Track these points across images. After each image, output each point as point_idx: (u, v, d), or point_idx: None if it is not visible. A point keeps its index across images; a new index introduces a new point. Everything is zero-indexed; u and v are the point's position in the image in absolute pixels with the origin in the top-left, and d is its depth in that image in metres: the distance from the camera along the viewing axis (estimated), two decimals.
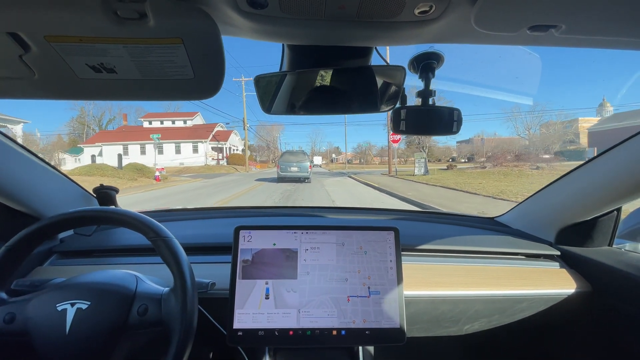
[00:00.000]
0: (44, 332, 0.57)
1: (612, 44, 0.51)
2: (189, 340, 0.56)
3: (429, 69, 0.68)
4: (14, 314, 0.58)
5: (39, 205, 0.88)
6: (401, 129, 0.72)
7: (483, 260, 0.98)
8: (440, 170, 20.32)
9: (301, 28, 0.50)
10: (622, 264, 0.84)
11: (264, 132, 53.02)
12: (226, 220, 1.18)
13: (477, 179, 13.02)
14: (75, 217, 0.63)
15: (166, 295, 0.60)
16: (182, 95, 0.58)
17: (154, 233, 0.61)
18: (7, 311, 0.59)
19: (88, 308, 0.57)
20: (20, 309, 0.59)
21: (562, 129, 35.77)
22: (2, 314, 0.58)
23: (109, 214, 0.63)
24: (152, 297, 0.60)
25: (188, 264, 0.60)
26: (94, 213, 0.64)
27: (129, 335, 0.58)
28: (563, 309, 0.90)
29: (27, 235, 0.61)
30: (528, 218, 1.13)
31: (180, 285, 0.58)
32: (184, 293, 0.57)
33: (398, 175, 16.57)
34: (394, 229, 0.80)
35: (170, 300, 0.59)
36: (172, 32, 0.43)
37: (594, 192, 0.86)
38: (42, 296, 0.60)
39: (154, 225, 0.62)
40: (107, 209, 0.65)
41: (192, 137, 32.96)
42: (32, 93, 0.56)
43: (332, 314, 0.74)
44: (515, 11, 0.43)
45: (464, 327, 0.92)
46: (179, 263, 0.59)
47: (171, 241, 0.61)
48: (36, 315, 0.58)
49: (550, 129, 35.27)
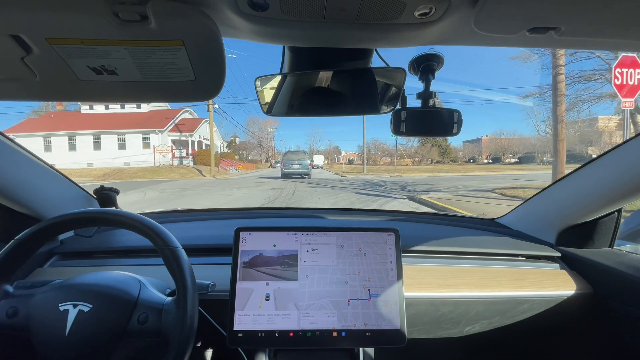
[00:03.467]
0: (44, 330, 0.57)
1: (610, 46, 0.52)
2: (186, 352, 0.56)
3: (429, 70, 0.68)
4: (17, 309, 0.59)
5: (39, 206, 0.89)
6: (401, 131, 0.72)
7: (484, 261, 0.98)
8: None
9: (302, 30, 0.50)
10: (622, 265, 0.84)
11: (255, 127, 48.15)
12: (226, 222, 1.18)
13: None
14: (91, 217, 0.63)
15: (168, 305, 0.60)
16: (183, 96, 0.58)
17: (163, 242, 0.61)
18: (10, 305, 0.59)
19: (89, 311, 0.57)
20: (24, 304, 0.59)
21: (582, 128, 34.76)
22: (6, 307, 0.59)
23: (124, 219, 0.63)
24: (153, 306, 0.60)
25: (192, 275, 0.61)
26: (109, 216, 0.64)
27: (126, 341, 0.58)
28: (564, 311, 0.90)
29: (39, 230, 0.61)
30: (528, 219, 1.13)
31: (182, 297, 0.58)
32: (185, 305, 0.58)
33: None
34: (394, 230, 0.80)
35: (171, 312, 0.59)
36: (173, 34, 0.43)
37: (595, 194, 0.86)
38: (46, 294, 0.60)
39: (164, 235, 0.62)
40: (128, 214, 0.64)
41: (143, 126, 24.31)
42: (34, 95, 0.56)
43: (333, 315, 0.73)
44: (515, 14, 0.43)
45: (465, 328, 0.92)
46: (183, 274, 0.59)
47: (178, 252, 0.61)
48: (38, 313, 0.58)
49: (570, 129, 34.41)
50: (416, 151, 46.02)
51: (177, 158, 25.29)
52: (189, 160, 25.66)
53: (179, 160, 25.23)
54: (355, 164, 49.86)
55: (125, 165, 22.73)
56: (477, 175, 19.50)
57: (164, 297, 0.62)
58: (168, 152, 24.05)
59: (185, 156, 25.92)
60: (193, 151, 26.51)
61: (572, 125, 34.56)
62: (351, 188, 11.10)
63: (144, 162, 22.68)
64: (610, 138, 28.27)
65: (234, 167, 26.83)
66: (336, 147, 67.94)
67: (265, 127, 50.50)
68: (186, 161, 25.53)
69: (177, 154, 25.34)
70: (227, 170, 24.61)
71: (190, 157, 25.92)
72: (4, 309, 0.59)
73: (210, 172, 19.45)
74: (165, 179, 16.79)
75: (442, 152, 46.76)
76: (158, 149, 23.54)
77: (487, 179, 15.32)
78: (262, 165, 43.30)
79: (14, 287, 0.66)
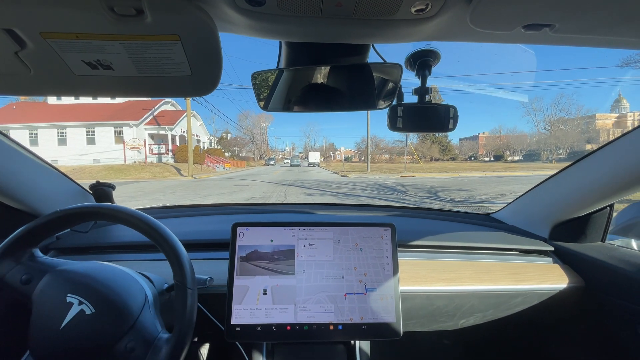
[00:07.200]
0: (45, 312, 0.56)
1: (604, 43, 0.52)
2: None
3: (425, 66, 0.68)
4: (31, 278, 0.59)
5: (35, 202, 0.88)
6: (398, 126, 0.72)
7: (478, 256, 0.99)
8: None
9: (298, 25, 0.50)
10: (614, 259, 0.86)
11: (248, 123, 45.99)
12: (224, 217, 1.19)
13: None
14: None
15: (159, 342, 0.58)
16: (179, 92, 0.58)
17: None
18: (26, 271, 0.60)
19: (89, 315, 0.56)
20: (39, 276, 0.60)
21: (581, 125, 34.27)
22: (22, 273, 0.59)
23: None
24: (146, 337, 0.58)
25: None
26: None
27: (108, 358, 0.56)
28: (556, 304, 0.92)
29: (82, 209, 0.62)
30: (523, 214, 1.15)
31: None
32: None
33: None
34: (390, 225, 0.81)
35: (160, 349, 0.57)
36: (169, 29, 0.43)
37: (587, 189, 0.88)
38: (61, 274, 0.60)
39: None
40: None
41: (116, 118, 21.09)
42: (28, 89, 0.55)
43: (329, 309, 0.74)
44: (510, 10, 0.43)
45: (460, 321, 0.94)
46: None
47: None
48: (47, 291, 0.58)
49: (568, 126, 34.19)
50: (416, 148, 45.04)
51: (156, 154, 22.25)
52: (169, 157, 22.73)
53: (158, 157, 22.21)
54: (353, 162, 48.57)
55: (95, 162, 19.93)
56: (513, 177, 15.67)
57: (158, 330, 0.60)
58: (141, 147, 20.63)
59: (165, 152, 22.77)
60: (174, 147, 23.35)
61: (570, 122, 34.49)
62: (366, 197, 8.43)
63: (117, 159, 19.92)
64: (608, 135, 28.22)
65: (222, 165, 24.89)
66: (332, 144, 67.31)
67: (258, 122, 48.75)
68: (166, 158, 22.61)
69: (155, 150, 22.36)
70: (213, 168, 22.83)
71: (170, 154, 22.81)
72: (20, 274, 0.60)
73: (197, 170, 17.26)
74: (132, 179, 14.58)
75: (442, 149, 45.63)
76: (128, 144, 20.34)
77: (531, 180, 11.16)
78: (254, 163, 41.64)
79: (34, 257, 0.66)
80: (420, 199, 8.26)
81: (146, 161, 20.41)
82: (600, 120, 35.82)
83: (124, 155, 20.10)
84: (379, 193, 9.35)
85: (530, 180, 10.09)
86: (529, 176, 15.48)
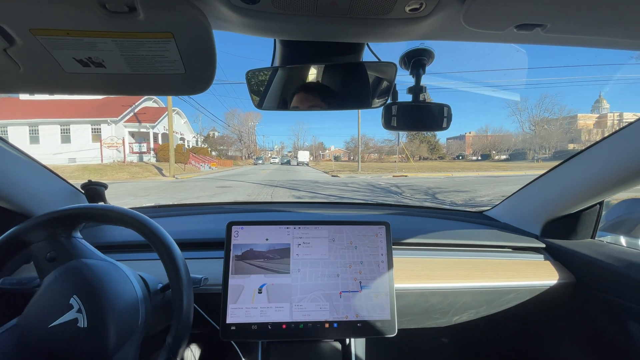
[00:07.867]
0: (44, 301, 0.55)
1: (596, 43, 0.53)
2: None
3: (419, 65, 0.68)
4: (56, 257, 0.59)
5: (26, 202, 0.87)
6: (392, 125, 0.73)
7: (472, 253, 1.00)
8: None
9: (293, 23, 0.50)
10: (603, 255, 0.88)
11: (235, 121, 44.41)
12: (219, 216, 1.18)
13: None
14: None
15: None
16: (172, 90, 0.57)
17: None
18: (52, 249, 0.60)
19: (81, 330, 0.53)
20: (63, 260, 0.59)
21: (563, 125, 34.86)
22: (47, 250, 0.59)
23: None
24: None
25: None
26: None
27: None
28: (548, 299, 0.93)
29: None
30: (515, 212, 1.17)
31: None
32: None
33: None
34: (385, 224, 0.81)
35: None
36: (162, 26, 0.42)
37: (578, 187, 0.89)
38: (73, 274, 0.58)
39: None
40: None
41: (94, 115, 19.69)
42: (17, 87, 0.54)
43: (325, 307, 0.75)
44: (503, 10, 0.44)
45: (453, 318, 0.95)
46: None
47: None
48: (60, 279, 0.57)
49: (552, 126, 34.75)
50: (405, 147, 45.26)
51: (137, 153, 21.04)
52: (151, 156, 21.50)
53: (139, 157, 21.00)
54: (342, 161, 47.73)
55: (70, 162, 18.53)
56: (509, 177, 15.42)
57: None
58: (119, 145, 19.31)
59: (146, 151, 21.50)
60: (156, 145, 21.97)
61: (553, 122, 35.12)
62: (360, 201, 8.04)
63: (94, 158, 18.66)
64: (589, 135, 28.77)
65: (207, 164, 23.93)
66: (321, 143, 65.83)
67: (246, 120, 47.22)
68: (147, 157, 21.36)
69: (135, 149, 21.18)
70: (198, 167, 21.83)
71: (152, 153, 21.61)
72: (45, 250, 0.59)
73: (180, 170, 16.31)
74: (107, 180, 12.61)
75: (431, 149, 45.59)
76: (105, 142, 19.05)
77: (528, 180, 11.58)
78: (242, 162, 39.98)
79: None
80: (420, 201, 7.91)
81: (125, 160, 19.28)
82: (582, 121, 36.58)
83: (101, 154, 19.02)
84: (374, 195, 9.00)
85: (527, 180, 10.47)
86: (523, 175, 15.10)
